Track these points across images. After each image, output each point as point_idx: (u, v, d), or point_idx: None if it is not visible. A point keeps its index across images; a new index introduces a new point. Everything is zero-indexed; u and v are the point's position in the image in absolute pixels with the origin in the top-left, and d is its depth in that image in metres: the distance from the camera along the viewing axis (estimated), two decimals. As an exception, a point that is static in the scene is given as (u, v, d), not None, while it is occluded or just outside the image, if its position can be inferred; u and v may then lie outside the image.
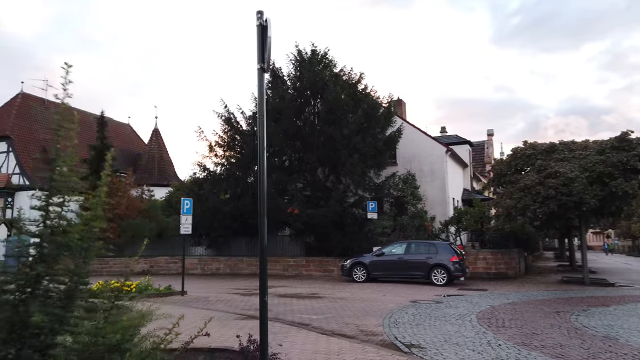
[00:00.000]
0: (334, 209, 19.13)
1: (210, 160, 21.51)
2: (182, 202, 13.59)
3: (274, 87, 21.16)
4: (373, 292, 14.40)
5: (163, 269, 24.22)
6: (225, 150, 21.71)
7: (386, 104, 22.01)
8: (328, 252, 21.16)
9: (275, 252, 22.67)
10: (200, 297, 13.00)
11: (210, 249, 23.37)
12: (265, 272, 4.13)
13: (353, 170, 19.34)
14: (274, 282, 18.10)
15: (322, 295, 13.73)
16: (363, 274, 17.74)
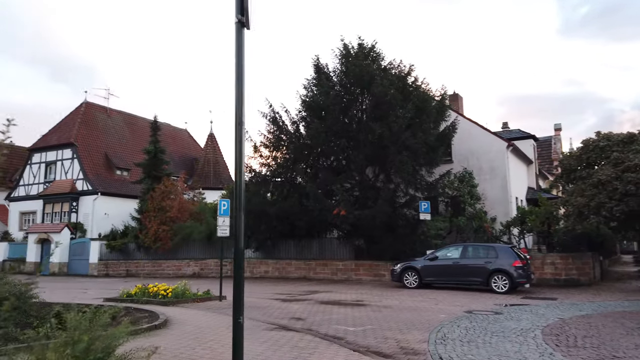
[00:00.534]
0: (383, 209, 17.97)
1: (255, 161, 21.07)
2: (219, 203, 13.03)
3: (319, 84, 20.34)
4: (424, 300, 13.15)
5: (213, 272, 24.05)
6: (272, 151, 21.15)
7: (439, 96, 20.55)
8: (379, 255, 20.03)
9: (323, 255, 21.86)
10: (237, 303, 12.35)
11: (258, 251, 22.90)
12: (240, 287, 3.24)
13: (403, 169, 18.10)
14: (319, 287, 17.24)
15: (366, 302, 12.68)
16: (415, 280, 16.47)
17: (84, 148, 35.54)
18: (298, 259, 22.21)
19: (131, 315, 9.33)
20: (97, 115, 39.13)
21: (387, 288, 16.70)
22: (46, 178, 36.66)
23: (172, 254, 25.46)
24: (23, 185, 37.56)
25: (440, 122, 20.54)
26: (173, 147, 44.56)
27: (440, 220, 19.77)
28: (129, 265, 26.61)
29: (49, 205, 35.43)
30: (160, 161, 27.87)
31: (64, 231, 29.63)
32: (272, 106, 20.96)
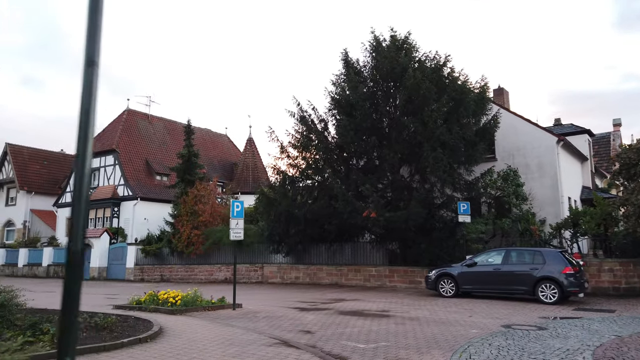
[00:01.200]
0: (416, 211, 16.61)
1: (283, 162, 20.23)
2: (232, 204, 12.23)
3: (348, 79, 19.25)
4: (458, 311, 11.75)
5: (244, 277, 23.42)
6: (300, 151, 20.24)
7: (478, 88, 18.93)
8: (414, 261, 18.64)
9: (356, 260, 20.69)
10: (250, 312, 11.46)
11: (288, 256, 22.04)
12: (69, 310, 2.25)
13: (437, 166, 16.67)
14: (347, 294, 16.10)
15: (392, 313, 11.45)
16: (451, 288, 15.01)
17: (125, 154, 36.14)
18: (329, 265, 21.14)
19: (128, 325, 8.62)
20: (138, 122, 39.82)
21: (421, 297, 15.34)
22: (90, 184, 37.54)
23: (204, 259, 25.08)
24: (70, 192, 38.65)
25: (480, 116, 18.93)
26: (213, 152, 44.79)
27: (482, 222, 18.14)
28: (163, 270, 26.47)
29: (92, 210, 36.24)
30: (194, 165, 27.66)
31: (103, 236, 30.01)
32: (300, 104, 20.12)
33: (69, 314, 2.16)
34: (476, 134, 18.05)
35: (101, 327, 7.90)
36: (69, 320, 2.15)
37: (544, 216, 19.47)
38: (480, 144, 17.63)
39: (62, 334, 2.15)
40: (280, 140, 19.86)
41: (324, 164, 20.15)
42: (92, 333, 7.53)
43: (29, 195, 40.88)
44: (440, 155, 16.61)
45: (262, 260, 23.17)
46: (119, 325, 8.29)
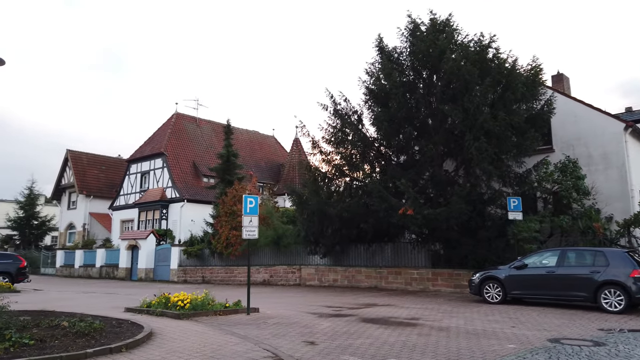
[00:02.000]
0: (457, 208, 14.99)
1: (315, 158, 19.18)
2: (244, 200, 11.32)
3: (383, 67, 17.90)
4: (500, 321, 10.18)
5: (282, 278, 22.63)
6: (334, 146, 19.09)
7: (529, 70, 16.92)
8: (460, 263, 16.97)
9: (396, 262, 19.25)
10: (263, 318, 10.49)
11: (326, 258, 20.96)
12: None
13: (481, 158, 14.97)
14: (382, 299, 14.79)
15: (422, 321, 10.07)
16: (498, 293, 13.31)
17: (173, 157, 36.63)
18: (368, 267, 19.85)
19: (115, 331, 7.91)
20: (186, 125, 40.33)
21: (463, 302, 13.75)
22: (141, 187, 38.46)
23: (243, 260, 24.50)
24: (123, 195, 39.82)
25: (531, 102, 16.95)
26: (260, 153, 44.65)
27: (536, 220, 16.17)
28: (204, 272, 26.25)
29: (143, 213, 37.03)
30: (234, 165, 27.29)
31: (150, 237, 30.36)
32: (333, 97, 18.99)
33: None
34: (527, 121, 16.11)
35: (82, 333, 7.22)
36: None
37: (610, 213, 17.13)
38: (531, 132, 15.68)
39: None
40: (311, 136, 18.84)
41: (359, 160, 18.93)
42: (67, 340, 6.85)
43: (87, 199, 42.51)
44: (484, 145, 14.91)
45: (299, 261, 22.26)
46: (104, 332, 7.59)
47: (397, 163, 19.17)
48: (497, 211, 17.06)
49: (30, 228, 46.86)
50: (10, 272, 21.55)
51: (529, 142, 15.81)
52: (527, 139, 15.76)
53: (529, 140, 15.79)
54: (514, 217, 15.68)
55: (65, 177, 44.89)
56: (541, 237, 16.46)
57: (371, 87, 18.40)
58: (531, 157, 17.32)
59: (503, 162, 16.22)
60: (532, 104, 17.03)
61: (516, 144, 16.05)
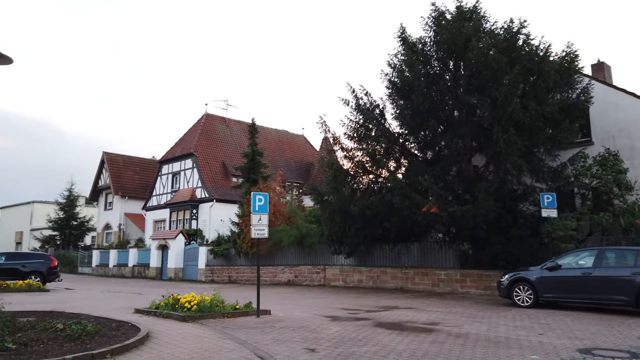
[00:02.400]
0: (485, 204, 14.08)
1: (337, 155, 18.55)
2: (252, 197, 10.88)
3: (407, 60, 17.11)
4: (527, 327, 9.32)
5: (306, 279, 22.17)
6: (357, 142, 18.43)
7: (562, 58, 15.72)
8: (490, 263, 16.01)
9: (423, 262, 18.42)
10: (271, 321, 10.01)
11: (350, 258, 20.32)
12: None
13: (510, 151, 14.00)
14: (405, 301, 14.07)
15: (440, 327, 9.33)
16: (528, 296, 12.36)
17: (203, 157, 36.84)
18: (394, 267, 19.09)
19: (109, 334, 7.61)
20: (216, 126, 40.53)
21: (491, 306, 12.86)
22: (172, 188, 38.92)
23: (268, 260, 24.22)
24: (155, 195, 40.43)
25: (566, 90, 15.79)
26: (289, 153, 44.42)
27: (572, 217, 15.02)
28: (230, 271, 26.12)
29: (174, 213, 37.45)
30: (258, 164, 27.05)
31: (179, 237, 30.56)
32: (354, 91, 18.32)
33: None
34: (561, 112, 14.97)
35: (73, 337, 6.94)
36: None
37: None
38: (565, 123, 14.55)
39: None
40: (332, 132, 18.25)
41: (383, 156, 18.22)
42: (53, 345, 6.58)
43: (123, 199, 43.39)
44: (513, 138, 13.93)
45: (324, 261, 21.72)
46: (97, 335, 7.29)
47: (423, 159, 18.37)
48: (529, 208, 16.00)
49: (70, 228, 48.29)
50: (41, 271, 22.00)
51: (563, 134, 14.68)
52: (561, 130, 14.64)
53: (563, 132, 14.66)
54: (548, 215, 14.62)
55: (102, 179, 46.01)
56: (579, 236, 15.30)
57: (394, 80, 17.66)
58: (567, 150, 16.16)
59: (535, 155, 15.16)
60: (566, 93, 15.87)
61: (550, 136, 14.95)
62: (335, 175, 17.33)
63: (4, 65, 10.40)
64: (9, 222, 64.91)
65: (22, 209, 62.20)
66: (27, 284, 19.83)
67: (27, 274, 21.59)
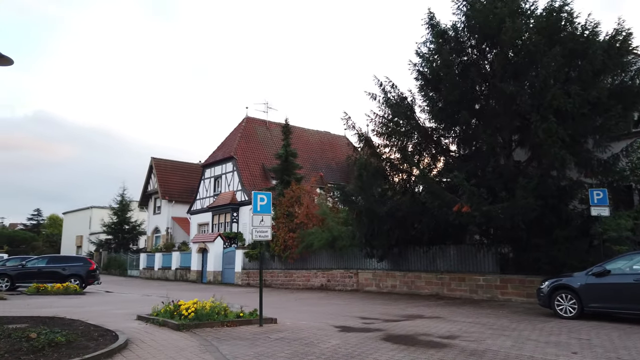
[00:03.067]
0: (523, 202, 12.60)
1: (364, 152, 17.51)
2: (253, 196, 10.13)
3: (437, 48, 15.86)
4: (562, 343, 7.95)
5: (339, 283, 21.23)
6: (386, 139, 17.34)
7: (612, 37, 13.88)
8: (534, 267, 14.42)
9: (460, 266, 17.01)
10: (270, 332, 9.20)
11: (383, 261, 19.19)
12: None
13: (550, 142, 12.45)
14: (433, 310, 12.85)
15: (458, 341, 8.16)
16: (572, 306, 10.82)
17: (243, 160, 36.81)
18: (429, 271, 17.78)
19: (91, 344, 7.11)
20: (256, 129, 40.47)
21: (530, 316, 11.42)
22: (215, 191, 39.20)
23: (301, 264, 23.53)
24: (199, 199, 40.90)
25: (618, 73, 13.97)
26: (331, 154, 43.60)
27: (628, 216, 13.21)
28: (265, 275, 25.62)
29: (216, 216, 37.66)
30: (292, 165, 26.44)
31: (217, 240, 30.53)
32: (382, 85, 17.25)
33: None
34: (611, 97, 13.19)
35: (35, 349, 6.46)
36: None
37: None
38: (617, 109, 12.78)
39: None
40: (357, 128, 17.24)
41: (415, 152, 17.04)
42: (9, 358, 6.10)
43: (170, 204, 44.30)
44: (553, 127, 12.39)
45: (356, 265, 20.70)
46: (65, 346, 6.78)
47: (460, 155, 17.01)
48: (577, 206, 14.29)
49: (123, 232, 49.98)
50: (80, 274, 22.40)
51: (614, 122, 12.91)
52: (611, 118, 12.88)
53: (614, 120, 12.89)
54: (598, 213, 12.91)
55: (151, 184, 47.24)
56: (636, 237, 13.45)
57: (423, 71, 16.44)
58: (621, 140, 14.30)
59: (582, 146, 13.49)
60: (618, 76, 14.04)
61: (599, 124, 13.24)
62: (360, 173, 16.33)
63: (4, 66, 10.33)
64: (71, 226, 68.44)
65: (82, 214, 65.35)
66: (64, 286, 20.22)
67: (67, 277, 22.02)
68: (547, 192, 13.56)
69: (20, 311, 12.17)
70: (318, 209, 22.51)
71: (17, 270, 22.01)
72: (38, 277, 21.54)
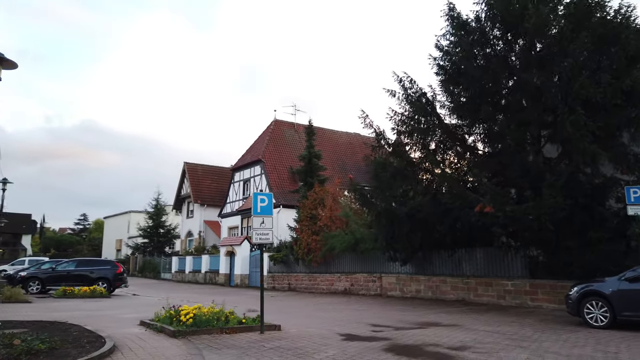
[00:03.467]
0: (550, 201, 11.65)
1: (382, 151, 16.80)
2: (253, 198, 9.70)
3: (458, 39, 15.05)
4: (582, 358, 7.11)
5: (362, 287, 20.59)
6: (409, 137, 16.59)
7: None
8: (565, 271, 13.38)
9: (487, 270, 16.06)
10: (272, 339, 8.75)
11: (407, 265, 18.41)
12: None
13: (579, 135, 11.47)
14: (452, 317, 12.08)
15: (466, 354, 7.44)
16: (603, 314, 9.85)
17: (271, 163, 36.71)
18: (454, 276, 16.91)
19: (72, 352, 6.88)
20: (285, 132, 40.35)
21: (557, 325, 10.50)
22: (243, 194, 39.27)
23: (325, 267, 23.01)
24: (229, 203, 41.11)
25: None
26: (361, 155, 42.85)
27: (670, 216, 11.99)
28: (290, 279, 25.28)
29: (244, 219, 37.69)
30: (316, 166, 25.99)
31: (244, 244, 30.41)
32: (402, 80, 16.50)
33: None
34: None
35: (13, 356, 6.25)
36: None
37: None
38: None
39: None
40: (374, 126, 16.57)
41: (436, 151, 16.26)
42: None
43: (202, 207, 44.78)
44: (582, 119, 11.40)
45: (380, 269, 20.00)
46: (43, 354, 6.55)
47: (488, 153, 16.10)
48: (612, 205, 13.16)
49: (158, 236, 50.92)
50: (108, 277, 22.71)
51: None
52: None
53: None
54: (636, 212, 11.81)
55: (184, 188, 47.91)
56: (680, 239, 12.21)
57: (444, 64, 15.65)
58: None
59: (616, 140, 12.39)
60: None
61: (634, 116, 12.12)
62: (377, 173, 15.68)
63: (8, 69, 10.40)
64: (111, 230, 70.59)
65: (121, 218, 67.24)
66: (91, 290, 20.47)
67: (95, 280, 22.37)
68: (578, 191, 12.53)
69: (33, 315, 12.24)
70: (341, 211, 21.94)
71: (48, 274, 22.54)
72: (67, 280, 21.98)
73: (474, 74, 13.79)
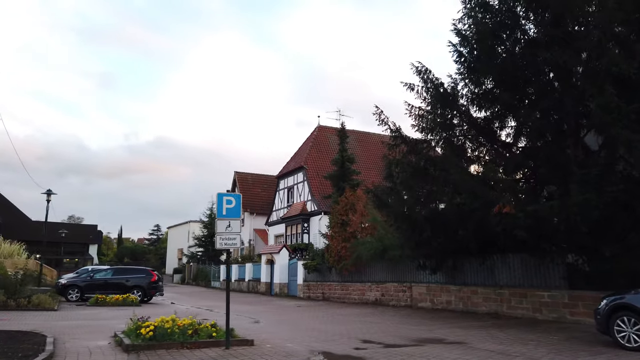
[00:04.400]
0: (580, 199, 9.89)
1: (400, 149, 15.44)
2: (218, 198, 8.86)
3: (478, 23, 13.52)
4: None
5: (392, 298, 19.21)
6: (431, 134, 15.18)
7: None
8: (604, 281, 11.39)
9: (521, 279, 14.22)
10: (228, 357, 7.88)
11: (437, 274, 16.83)
12: None
13: (609, 120, 9.64)
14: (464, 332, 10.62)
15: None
16: (636, 332, 8.04)
17: (313, 170, 36.10)
18: (486, 286, 15.17)
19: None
20: (328, 137, 39.57)
21: (584, 345, 8.77)
22: (288, 202, 38.92)
23: (357, 276, 21.81)
24: (275, 211, 40.96)
25: None
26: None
27: None
28: (323, 288, 24.30)
29: (288, 227, 37.31)
30: (348, 171, 24.91)
31: (282, 252, 29.87)
32: (420, 72, 15.12)
33: None
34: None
35: None
36: None
37: None
38: None
39: None
40: (390, 123, 15.27)
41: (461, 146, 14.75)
42: None
43: (252, 216, 44.99)
44: (612, 100, 9.60)
45: (410, 278, 18.52)
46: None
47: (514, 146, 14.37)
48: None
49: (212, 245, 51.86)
50: (142, 285, 22.97)
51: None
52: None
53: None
54: (689, 210, 9.75)
55: (235, 197, 48.39)
56: None
57: (463, 51, 14.16)
58: None
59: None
60: None
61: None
62: (390, 173, 14.42)
63: None
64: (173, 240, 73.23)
65: (182, 228, 69.48)
66: (123, 298, 20.68)
67: (130, 288, 22.67)
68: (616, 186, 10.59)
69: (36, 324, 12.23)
70: (369, 216, 20.71)
71: (86, 282, 23.17)
72: (104, 288, 22.44)
73: (497, 58, 12.24)
